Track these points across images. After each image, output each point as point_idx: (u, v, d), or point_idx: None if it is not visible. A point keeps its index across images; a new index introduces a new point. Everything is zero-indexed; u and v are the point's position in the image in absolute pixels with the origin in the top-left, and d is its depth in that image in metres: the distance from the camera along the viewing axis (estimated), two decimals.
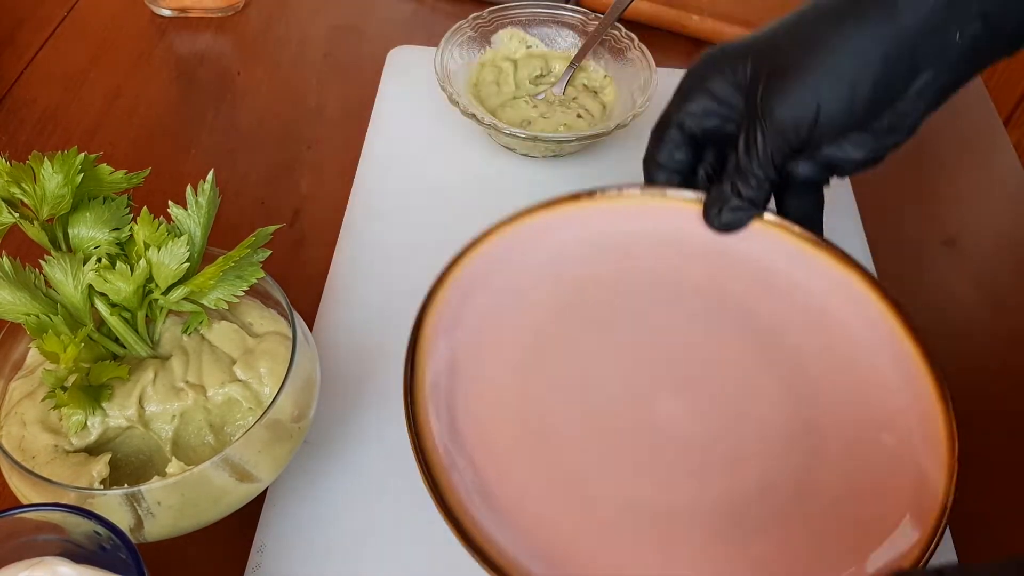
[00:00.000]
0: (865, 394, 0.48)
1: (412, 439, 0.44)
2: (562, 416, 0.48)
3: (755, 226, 0.53)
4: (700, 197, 0.54)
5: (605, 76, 0.73)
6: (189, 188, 0.48)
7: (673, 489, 0.45)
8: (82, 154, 0.46)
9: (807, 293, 0.52)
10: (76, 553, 0.38)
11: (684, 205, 0.54)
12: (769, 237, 0.53)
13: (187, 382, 0.47)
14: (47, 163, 0.45)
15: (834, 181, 0.54)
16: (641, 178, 0.56)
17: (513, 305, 0.52)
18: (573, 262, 0.54)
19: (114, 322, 0.46)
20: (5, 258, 0.44)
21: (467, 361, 0.49)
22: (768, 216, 0.53)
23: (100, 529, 0.37)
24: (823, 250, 0.52)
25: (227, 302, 0.47)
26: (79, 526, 0.38)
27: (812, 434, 0.47)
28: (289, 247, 0.64)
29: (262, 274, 0.48)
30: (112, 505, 0.41)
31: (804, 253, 0.52)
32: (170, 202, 0.47)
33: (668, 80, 0.74)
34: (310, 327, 0.57)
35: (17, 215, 0.45)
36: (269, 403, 0.44)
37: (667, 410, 0.48)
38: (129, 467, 0.46)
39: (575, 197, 0.55)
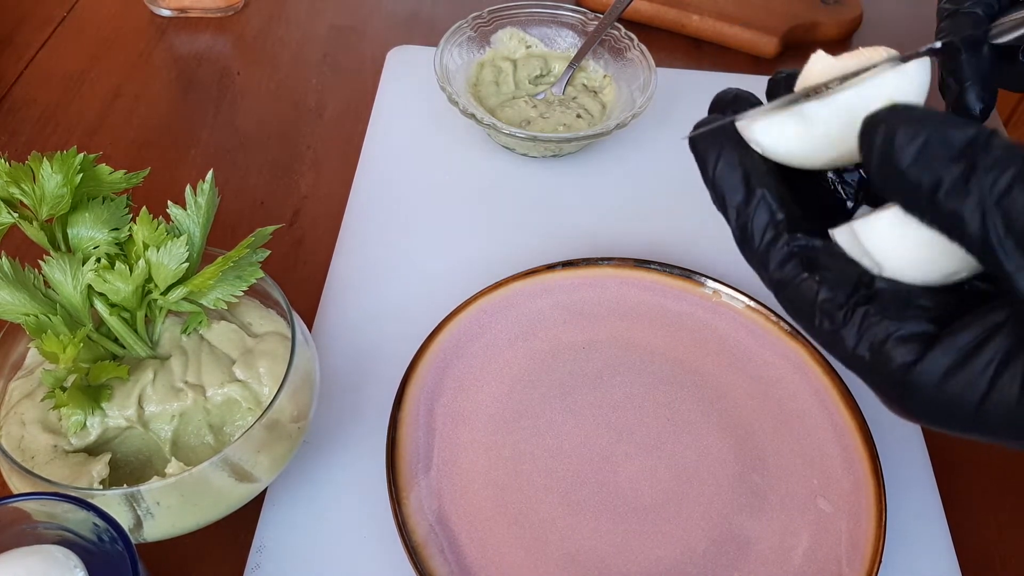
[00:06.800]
0: (807, 461, 0.52)
1: (394, 509, 0.48)
2: (530, 480, 0.51)
3: (713, 300, 0.58)
4: (664, 270, 0.59)
5: (605, 76, 0.73)
6: (188, 188, 0.48)
7: (630, 551, 0.48)
8: (81, 154, 0.46)
9: (760, 363, 0.56)
10: (74, 543, 0.39)
11: (651, 276, 0.59)
12: (725, 310, 0.58)
13: (186, 382, 0.47)
14: (46, 163, 0.45)
15: None
16: (638, 181, 0.56)
17: (488, 371, 0.55)
18: (545, 328, 0.57)
19: (113, 322, 0.46)
20: (5, 258, 0.44)
21: (444, 427, 0.52)
22: (724, 290, 0.58)
23: (98, 521, 0.37)
24: (773, 324, 0.56)
25: (226, 302, 0.47)
26: (77, 516, 0.38)
27: (756, 497, 0.50)
28: (289, 247, 0.64)
29: (261, 274, 0.48)
30: (111, 505, 0.41)
31: (756, 325, 0.57)
32: (169, 202, 0.47)
33: (668, 80, 0.75)
34: (309, 327, 0.57)
35: (17, 215, 0.45)
36: (268, 403, 0.44)
37: (627, 472, 0.51)
38: (129, 467, 0.46)
39: (550, 267, 0.59)
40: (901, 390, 0.27)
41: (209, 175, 0.48)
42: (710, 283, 0.58)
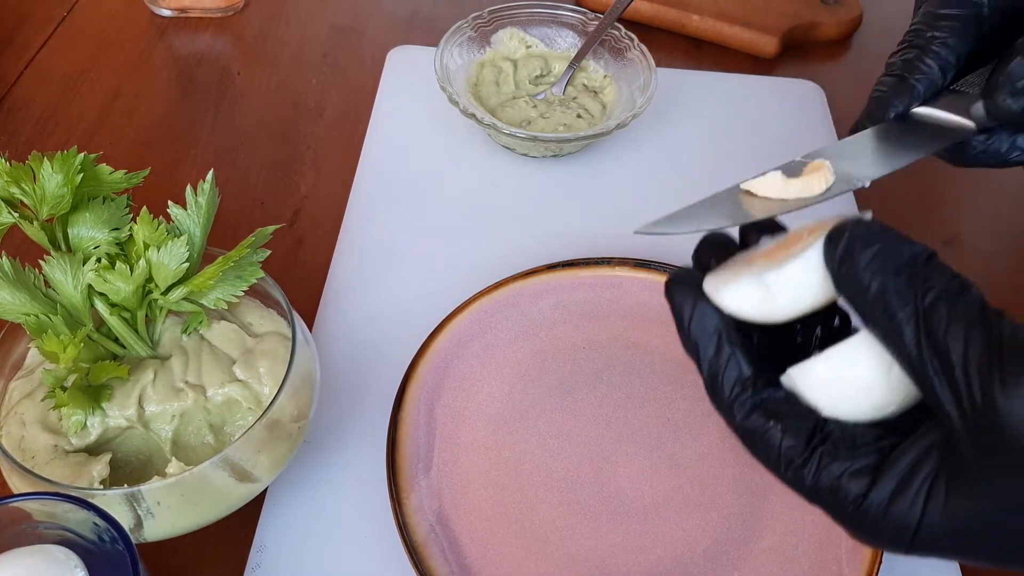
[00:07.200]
0: None
1: (395, 509, 0.48)
2: (530, 480, 0.51)
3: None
4: (665, 270, 0.59)
5: (605, 76, 0.73)
6: (189, 188, 0.48)
7: (630, 551, 0.48)
8: (82, 154, 0.46)
9: None
10: (75, 543, 0.39)
11: (650, 276, 0.59)
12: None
13: (187, 382, 0.47)
14: (47, 163, 0.45)
15: None
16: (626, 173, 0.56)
17: (488, 371, 0.55)
18: (545, 328, 0.57)
19: (114, 322, 0.46)
20: (5, 258, 0.44)
21: (444, 427, 0.52)
22: None
23: (98, 521, 0.37)
24: None
25: (227, 302, 0.47)
26: (77, 516, 0.38)
27: (756, 497, 0.50)
28: (289, 247, 0.64)
29: (262, 274, 0.48)
30: (112, 505, 0.41)
31: None
32: (170, 202, 0.47)
33: (668, 80, 0.75)
34: (310, 327, 0.57)
35: (17, 215, 0.45)
36: (269, 403, 0.44)
37: (627, 472, 0.51)
38: (129, 467, 0.46)
39: (551, 267, 0.59)
40: (858, 520, 0.29)
41: (209, 175, 0.48)
42: None
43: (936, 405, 0.28)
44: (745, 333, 0.33)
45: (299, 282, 0.61)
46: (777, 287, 0.32)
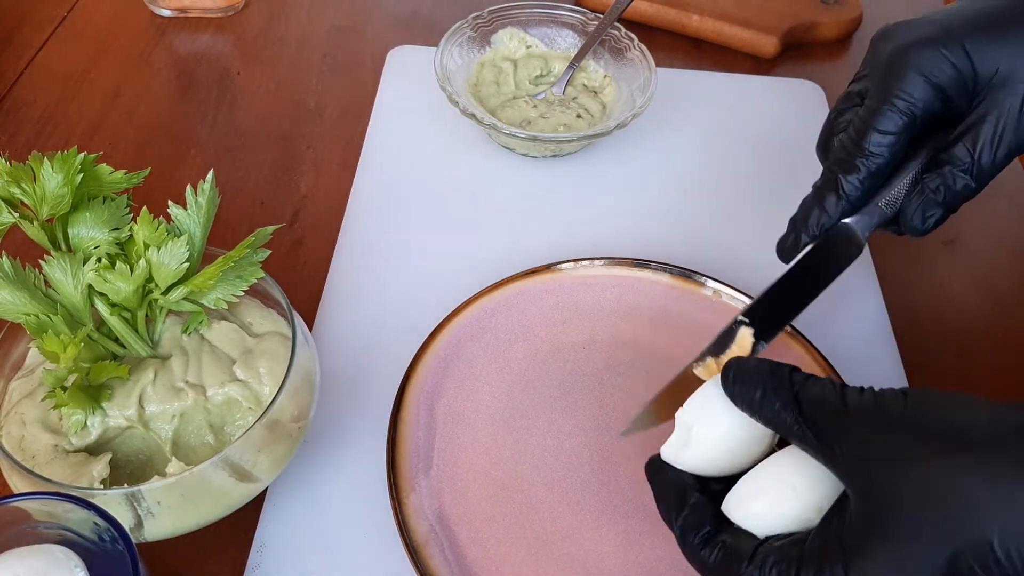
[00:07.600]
0: None
1: (395, 509, 0.48)
2: (530, 480, 0.51)
3: (713, 300, 0.58)
4: (664, 270, 0.59)
5: (605, 76, 0.73)
6: (189, 188, 0.48)
7: (630, 551, 0.48)
8: (82, 154, 0.46)
9: None
10: (75, 543, 0.39)
11: (650, 276, 0.59)
12: (725, 310, 0.57)
13: (187, 382, 0.47)
14: (47, 163, 0.45)
15: None
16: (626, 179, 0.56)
17: (488, 371, 0.55)
18: (545, 328, 0.57)
19: (114, 322, 0.46)
20: (5, 258, 0.44)
21: (444, 427, 0.52)
22: (724, 290, 0.58)
23: (98, 520, 0.37)
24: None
25: (227, 302, 0.47)
26: (78, 516, 0.38)
27: None
28: (289, 247, 0.64)
29: (262, 274, 0.48)
30: (112, 505, 0.41)
31: None
32: (170, 202, 0.47)
33: (668, 80, 0.75)
34: (310, 327, 0.57)
35: (17, 215, 0.45)
36: (269, 403, 0.44)
37: (627, 472, 0.51)
38: (129, 467, 0.46)
39: (550, 267, 0.59)
40: None
41: (210, 175, 0.48)
42: (710, 283, 0.58)
43: (824, 464, 0.36)
44: (711, 489, 0.41)
45: (299, 282, 0.61)
46: (690, 420, 0.41)
